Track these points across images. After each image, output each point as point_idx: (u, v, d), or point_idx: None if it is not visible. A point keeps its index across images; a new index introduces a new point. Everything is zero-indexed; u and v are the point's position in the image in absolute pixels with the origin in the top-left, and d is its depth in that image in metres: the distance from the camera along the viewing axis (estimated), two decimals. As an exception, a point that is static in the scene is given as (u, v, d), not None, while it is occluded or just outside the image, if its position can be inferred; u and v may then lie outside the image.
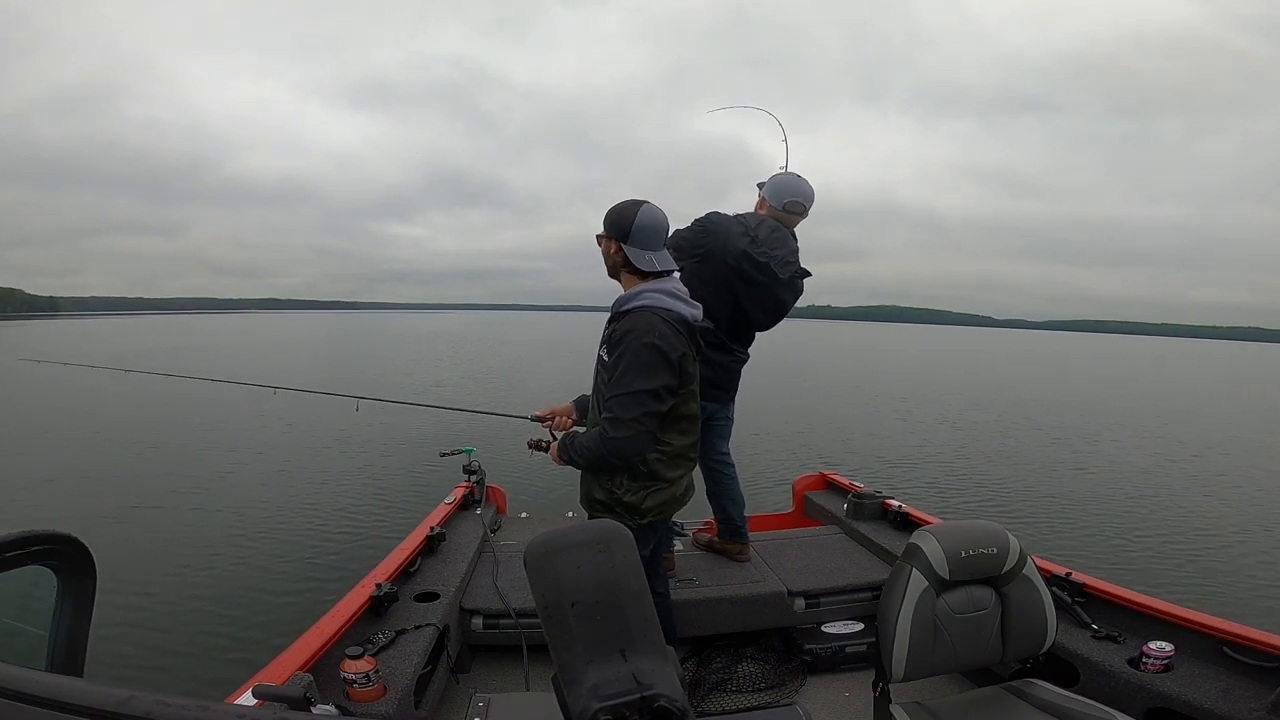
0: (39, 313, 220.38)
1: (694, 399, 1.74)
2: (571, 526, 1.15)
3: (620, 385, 1.58)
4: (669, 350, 1.58)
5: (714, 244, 2.27)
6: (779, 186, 2.41)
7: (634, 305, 1.63)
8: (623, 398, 1.57)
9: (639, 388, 1.56)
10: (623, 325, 1.62)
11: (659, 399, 1.59)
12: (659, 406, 1.59)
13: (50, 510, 5.63)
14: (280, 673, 1.49)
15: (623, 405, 1.57)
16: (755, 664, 2.29)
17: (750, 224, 2.32)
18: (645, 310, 1.61)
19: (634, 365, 1.57)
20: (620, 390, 1.58)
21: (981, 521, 1.63)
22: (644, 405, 1.57)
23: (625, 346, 1.58)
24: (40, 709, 0.48)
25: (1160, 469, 9.16)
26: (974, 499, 7.06)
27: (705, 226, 2.30)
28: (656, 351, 1.56)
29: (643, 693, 0.86)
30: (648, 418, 1.58)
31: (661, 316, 1.60)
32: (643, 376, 1.56)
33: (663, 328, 1.59)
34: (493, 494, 3.31)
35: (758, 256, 2.28)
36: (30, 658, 0.93)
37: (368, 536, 5.15)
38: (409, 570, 2.32)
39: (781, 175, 2.45)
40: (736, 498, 2.63)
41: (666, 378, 1.58)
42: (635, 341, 1.57)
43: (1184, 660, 1.70)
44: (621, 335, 1.60)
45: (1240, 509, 7.08)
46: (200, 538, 5.10)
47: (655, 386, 1.57)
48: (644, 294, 1.63)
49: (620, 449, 1.59)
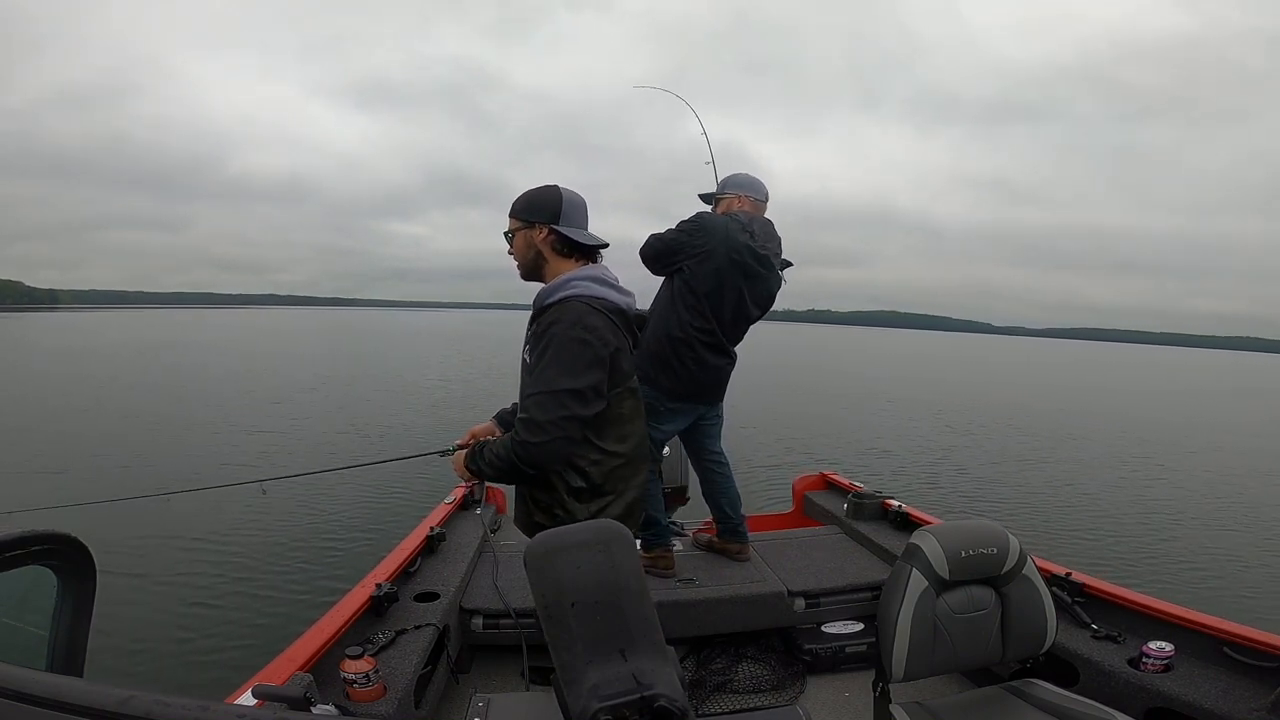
0: (38, 305, 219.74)
1: (631, 396, 1.56)
2: (571, 527, 1.15)
3: (540, 383, 1.40)
4: (599, 345, 1.41)
5: (714, 241, 2.26)
6: (749, 183, 2.45)
7: (561, 296, 1.45)
8: (541, 397, 1.39)
9: (561, 386, 1.38)
10: (547, 318, 1.44)
11: (584, 401, 1.40)
12: (583, 410, 1.40)
13: (50, 510, 5.62)
14: (280, 673, 1.49)
15: (540, 406, 1.38)
16: (755, 664, 2.28)
17: (743, 220, 2.34)
18: (574, 300, 1.44)
19: (557, 361, 1.39)
20: (540, 388, 1.39)
21: (981, 521, 1.62)
22: (565, 407, 1.38)
23: (549, 339, 1.40)
24: (40, 709, 0.48)
25: (1160, 470, 9.16)
26: (974, 499, 7.07)
27: (702, 225, 2.30)
28: (585, 346, 1.39)
29: (643, 693, 0.86)
30: (568, 422, 1.39)
31: (593, 306, 1.44)
32: (566, 374, 1.38)
33: (592, 319, 1.42)
34: (492, 494, 3.31)
35: (759, 250, 2.31)
36: (30, 658, 0.93)
37: (368, 536, 5.16)
38: (409, 570, 2.32)
39: (742, 174, 2.48)
40: (732, 496, 2.63)
41: (595, 376, 1.41)
42: (560, 334, 1.39)
43: (1184, 660, 1.70)
44: (546, 328, 1.42)
45: (1240, 509, 7.08)
46: (200, 538, 5.10)
47: (580, 386, 1.39)
48: (572, 283, 1.46)
49: (533, 455, 1.40)
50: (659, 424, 2.39)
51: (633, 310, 1.57)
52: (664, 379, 2.32)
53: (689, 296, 2.29)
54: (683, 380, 2.34)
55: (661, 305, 2.36)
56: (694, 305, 2.29)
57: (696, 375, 2.35)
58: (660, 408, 2.35)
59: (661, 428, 2.41)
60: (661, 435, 2.44)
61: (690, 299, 2.29)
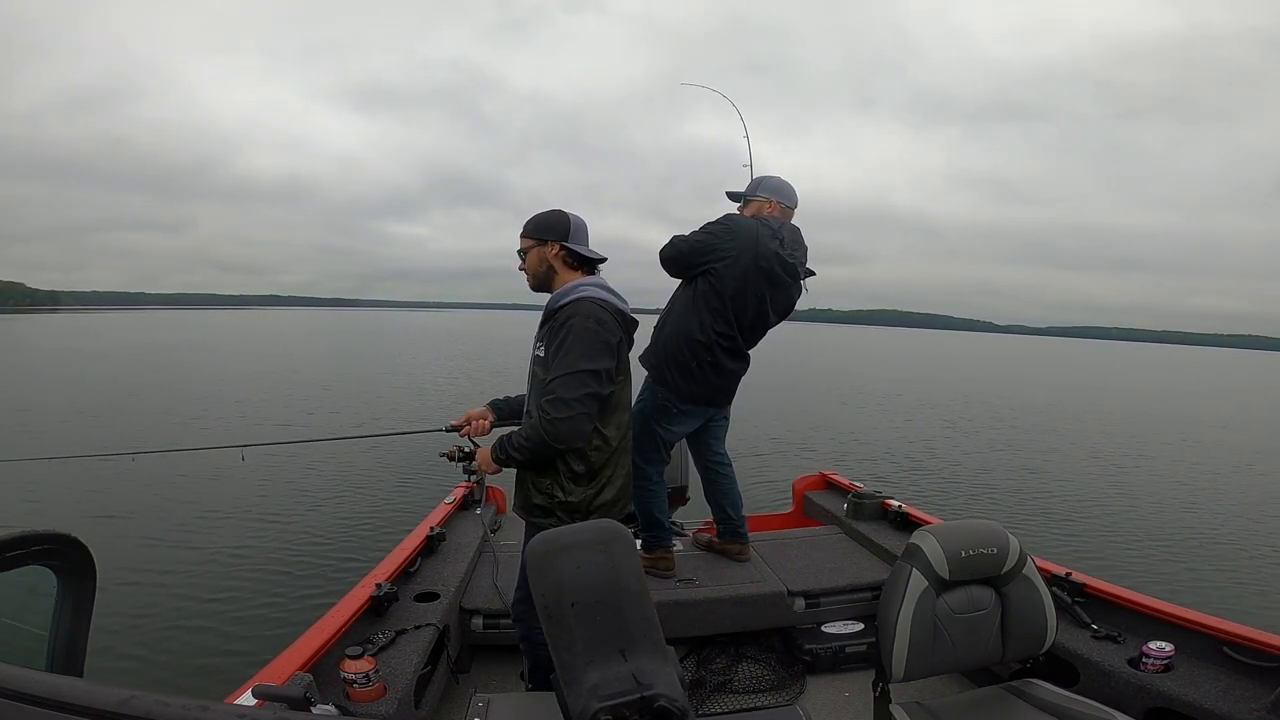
0: (39, 307, 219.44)
1: (628, 386, 1.77)
2: (571, 527, 1.15)
3: (564, 365, 1.58)
4: (609, 335, 1.61)
5: (743, 246, 2.22)
6: (781, 188, 2.40)
7: (574, 297, 1.66)
8: (566, 377, 1.56)
9: (583, 367, 1.56)
10: (563, 314, 1.64)
11: (600, 381, 1.59)
12: (601, 389, 1.60)
13: (50, 510, 5.64)
14: (280, 673, 1.49)
15: (565, 385, 1.56)
16: (755, 664, 2.28)
17: (774, 226, 2.29)
18: (584, 300, 1.64)
19: (578, 345, 1.58)
20: (563, 370, 1.57)
21: (981, 521, 1.62)
22: (587, 385, 1.57)
23: (568, 329, 1.60)
24: (40, 709, 0.48)
25: (1160, 470, 9.16)
26: (974, 499, 7.06)
27: (730, 228, 2.26)
28: (598, 334, 1.59)
29: (643, 693, 0.86)
30: (590, 399, 1.58)
31: (601, 304, 1.64)
32: (586, 357, 1.57)
33: (601, 314, 1.62)
34: (492, 494, 3.31)
35: (788, 258, 2.28)
36: (30, 658, 0.93)
37: (368, 536, 5.15)
38: (409, 570, 2.32)
39: (775, 178, 2.43)
40: (734, 498, 2.62)
41: (607, 361, 1.61)
42: (578, 325, 1.59)
43: (1184, 660, 1.70)
44: (563, 321, 1.62)
45: (1240, 509, 7.08)
46: (200, 538, 5.10)
47: (598, 367, 1.58)
48: (580, 288, 1.67)
49: (562, 430, 1.57)
50: (670, 425, 2.38)
51: (629, 313, 1.73)
52: (680, 381, 2.30)
53: (714, 300, 2.25)
54: (699, 383, 2.32)
55: (681, 308, 2.32)
56: (718, 309, 2.25)
57: (713, 379, 2.33)
58: (673, 409, 2.34)
59: (672, 429, 2.40)
60: (672, 436, 2.43)
61: (715, 303, 2.25)
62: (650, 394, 2.37)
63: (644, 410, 2.36)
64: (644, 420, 2.35)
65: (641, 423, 2.36)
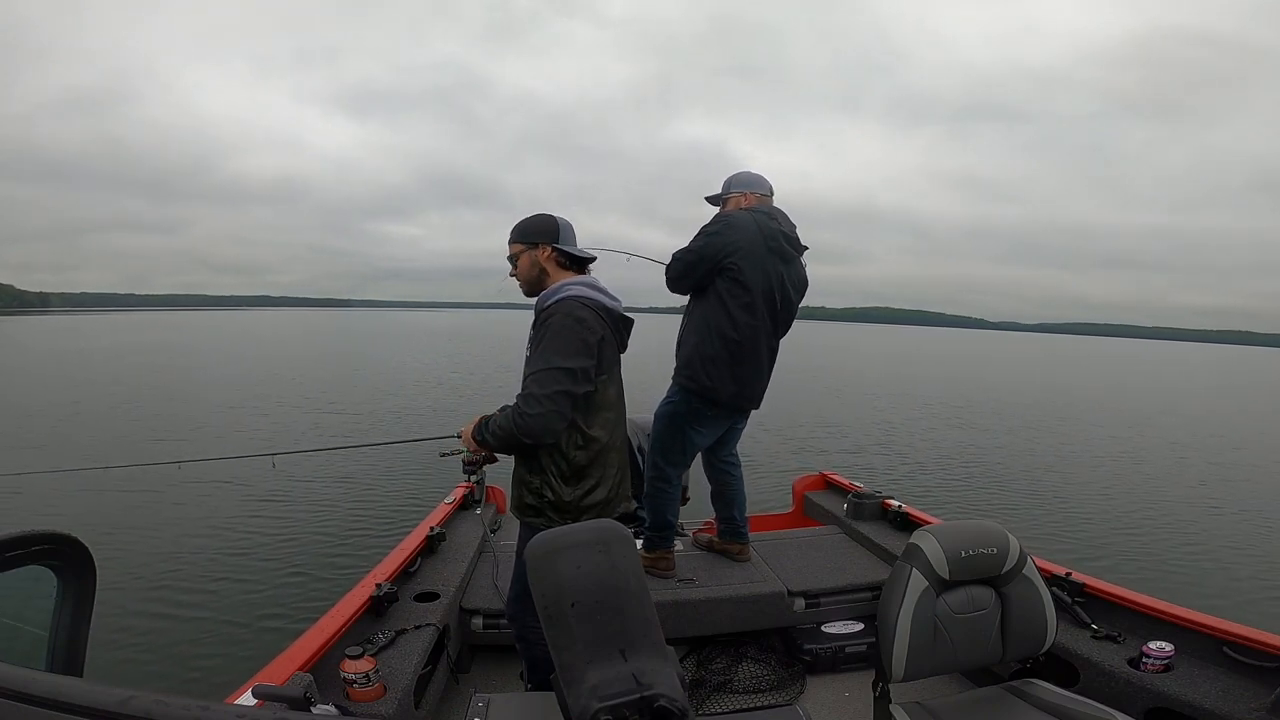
0: (29, 309, 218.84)
1: (615, 383, 1.76)
2: (572, 527, 1.15)
3: (538, 362, 1.59)
4: (588, 332, 1.61)
5: (748, 234, 2.23)
6: (751, 180, 2.42)
7: (558, 297, 1.66)
8: (540, 373, 1.58)
9: (556, 364, 1.57)
10: (545, 314, 1.65)
11: (575, 379, 1.59)
12: (575, 387, 1.59)
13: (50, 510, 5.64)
14: (280, 673, 1.49)
15: (538, 381, 1.57)
16: (755, 664, 2.29)
17: (764, 209, 2.32)
18: (568, 299, 1.65)
19: (553, 342, 1.59)
20: (537, 366, 1.59)
21: (981, 521, 1.62)
22: (559, 382, 1.57)
23: (546, 328, 1.61)
24: (40, 709, 0.48)
25: (1160, 469, 9.16)
26: (974, 499, 7.06)
27: (728, 223, 2.26)
28: (575, 332, 1.59)
29: (643, 693, 0.86)
30: (562, 396, 1.57)
31: (584, 303, 1.65)
32: (560, 354, 1.57)
33: (582, 312, 1.63)
34: (492, 494, 3.31)
35: (790, 233, 2.31)
36: (30, 658, 0.93)
37: (368, 536, 5.15)
38: (409, 570, 2.32)
39: (745, 172, 2.45)
40: (740, 499, 2.63)
41: (584, 360, 1.60)
42: (556, 323, 1.60)
43: (1184, 660, 1.70)
44: (544, 320, 1.63)
45: (1240, 509, 7.08)
46: (200, 537, 5.10)
47: (573, 365, 1.58)
48: (566, 287, 1.68)
49: (532, 426, 1.57)
50: (700, 428, 2.37)
51: (619, 311, 1.74)
52: (718, 383, 2.28)
53: (740, 293, 2.23)
54: (739, 381, 2.30)
55: (707, 311, 2.28)
56: (747, 302, 2.24)
57: (751, 379, 2.32)
58: (706, 413, 2.33)
59: (702, 431, 2.39)
60: (703, 440, 2.43)
61: (744, 296, 2.24)
62: (684, 398, 2.34)
63: (676, 413, 2.35)
64: (675, 423, 2.36)
65: (672, 426, 2.37)
